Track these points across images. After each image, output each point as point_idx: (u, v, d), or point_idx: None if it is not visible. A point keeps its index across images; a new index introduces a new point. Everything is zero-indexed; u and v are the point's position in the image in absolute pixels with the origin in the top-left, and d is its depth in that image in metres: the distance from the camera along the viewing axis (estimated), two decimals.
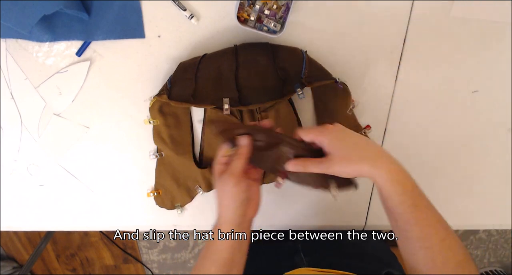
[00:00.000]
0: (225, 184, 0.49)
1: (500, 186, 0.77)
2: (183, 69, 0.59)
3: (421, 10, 0.60)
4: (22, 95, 0.65)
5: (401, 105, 0.68)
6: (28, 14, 0.54)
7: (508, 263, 2.01)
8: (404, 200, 0.45)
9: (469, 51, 0.64)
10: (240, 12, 0.57)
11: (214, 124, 0.52)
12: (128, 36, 0.61)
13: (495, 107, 0.69)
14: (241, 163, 0.50)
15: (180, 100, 0.59)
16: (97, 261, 1.96)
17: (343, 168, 0.46)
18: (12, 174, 0.73)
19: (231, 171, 0.49)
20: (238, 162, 0.50)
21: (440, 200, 0.78)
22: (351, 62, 0.64)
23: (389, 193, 0.45)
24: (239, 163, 0.50)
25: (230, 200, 0.50)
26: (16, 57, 0.62)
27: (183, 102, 0.59)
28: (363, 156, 0.46)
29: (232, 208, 0.50)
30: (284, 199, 0.77)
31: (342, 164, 0.46)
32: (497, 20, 0.61)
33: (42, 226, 0.79)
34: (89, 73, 0.64)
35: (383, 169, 0.45)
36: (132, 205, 0.76)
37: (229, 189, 0.49)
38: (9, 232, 1.87)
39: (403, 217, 0.46)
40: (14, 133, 0.68)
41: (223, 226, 0.50)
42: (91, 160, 0.71)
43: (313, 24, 0.61)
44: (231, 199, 0.50)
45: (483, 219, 0.81)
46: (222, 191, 0.50)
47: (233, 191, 0.49)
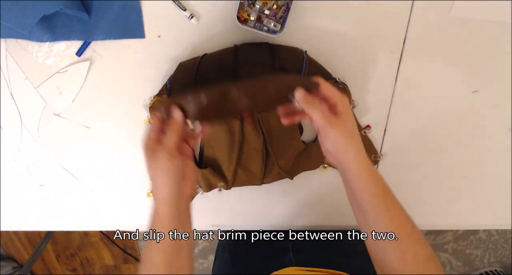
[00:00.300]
0: (158, 160, 0.46)
1: (500, 186, 0.77)
2: (183, 69, 0.59)
3: (421, 10, 0.60)
4: (22, 95, 0.65)
5: (401, 105, 0.68)
6: (28, 14, 0.54)
7: (508, 263, 2.01)
8: (378, 192, 0.47)
9: (469, 51, 0.64)
10: (240, 12, 0.57)
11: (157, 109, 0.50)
12: (128, 36, 0.61)
13: (495, 107, 0.69)
14: (175, 138, 0.47)
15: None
16: (97, 261, 1.96)
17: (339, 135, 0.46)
18: (12, 174, 0.73)
19: (165, 146, 0.46)
20: (171, 137, 0.47)
21: (440, 200, 0.78)
22: (351, 62, 0.64)
23: (364, 185, 0.47)
24: (172, 138, 0.47)
25: (165, 177, 0.46)
26: (16, 57, 0.62)
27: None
28: (357, 140, 0.48)
29: (168, 184, 0.47)
30: (284, 199, 0.77)
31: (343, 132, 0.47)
32: (497, 20, 0.61)
33: (42, 226, 0.79)
34: (89, 73, 0.64)
35: (363, 158, 0.47)
36: (132, 205, 0.76)
37: (163, 164, 0.46)
38: (9, 232, 1.87)
39: (374, 210, 0.47)
40: (14, 133, 0.68)
41: (162, 207, 0.47)
42: (91, 160, 0.71)
43: (313, 24, 0.61)
44: (167, 175, 0.46)
45: (483, 219, 0.81)
46: (155, 169, 0.47)
47: (167, 166, 0.46)
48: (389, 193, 0.49)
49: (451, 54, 0.64)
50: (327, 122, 0.46)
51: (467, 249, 1.95)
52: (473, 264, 2.01)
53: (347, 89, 0.63)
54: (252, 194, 0.76)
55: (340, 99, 0.48)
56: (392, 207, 0.48)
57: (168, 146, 0.46)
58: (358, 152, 0.48)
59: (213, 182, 0.71)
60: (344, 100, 0.48)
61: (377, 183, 0.48)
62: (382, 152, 0.73)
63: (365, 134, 0.70)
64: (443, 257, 1.97)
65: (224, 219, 0.79)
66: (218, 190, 0.73)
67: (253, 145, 0.67)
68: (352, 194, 0.49)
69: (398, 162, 0.74)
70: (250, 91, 0.49)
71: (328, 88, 0.48)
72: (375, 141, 0.72)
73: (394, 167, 0.74)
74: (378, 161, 0.73)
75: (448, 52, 0.64)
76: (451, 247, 1.93)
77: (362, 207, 0.48)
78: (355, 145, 0.47)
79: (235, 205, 0.77)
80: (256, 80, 0.50)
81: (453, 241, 1.91)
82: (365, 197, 0.47)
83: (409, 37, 0.62)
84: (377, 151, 0.72)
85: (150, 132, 0.49)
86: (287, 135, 0.67)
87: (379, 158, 0.72)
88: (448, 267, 2.01)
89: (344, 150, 0.47)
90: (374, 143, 0.72)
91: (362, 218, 0.49)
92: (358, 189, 0.48)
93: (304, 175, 0.73)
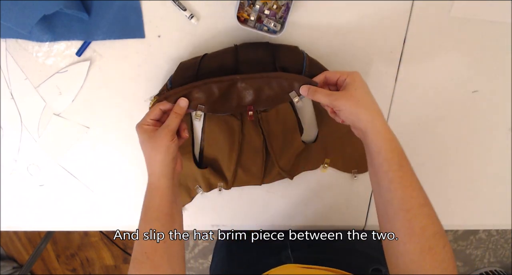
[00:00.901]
0: (161, 139, 0.51)
1: (500, 186, 0.77)
2: (184, 69, 0.59)
3: (421, 10, 0.60)
4: (22, 95, 0.65)
5: (401, 105, 0.68)
6: (28, 14, 0.53)
7: (508, 263, 2.01)
8: (391, 157, 0.47)
9: (469, 51, 0.64)
10: (240, 12, 0.57)
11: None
12: (128, 36, 0.61)
13: (495, 107, 0.69)
14: (178, 120, 0.52)
15: None
16: (97, 261, 1.96)
17: (347, 106, 0.49)
18: (12, 174, 0.73)
19: (168, 127, 0.52)
20: (176, 119, 0.52)
21: (440, 200, 0.78)
22: (351, 62, 0.64)
23: (379, 148, 0.48)
24: (176, 120, 0.52)
25: (164, 155, 0.51)
26: (16, 57, 0.62)
27: None
28: (369, 107, 0.50)
29: (167, 162, 0.52)
30: (284, 199, 0.77)
31: (350, 102, 0.49)
32: (497, 20, 0.61)
33: (42, 226, 0.79)
34: (89, 73, 0.64)
35: (379, 124, 0.49)
36: (132, 205, 0.76)
37: (165, 143, 0.51)
38: (9, 232, 1.87)
39: (387, 175, 0.47)
40: (14, 133, 0.68)
41: (159, 180, 0.52)
42: (91, 160, 0.71)
43: (313, 24, 0.61)
44: (166, 153, 0.51)
45: (483, 219, 0.81)
46: (155, 147, 0.52)
47: (168, 146, 0.51)
48: (404, 161, 0.48)
49: (451, 54, 0.64)
50: (332, 99, 0.50)
51: (467, 249, 1.95)
52: (473, 264, 2.01)
53: None
54: (252, 194, 0.76)
55: (347, 74, 0.52)
56: (407, 176, 0.47)
57: (172, 128, 0.52)
58: (373, 118, 0.49)
59: (213, 182, 0.71)
60: (352, 73, 0.52)
61: (392, 148, 0.48)
62: None
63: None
64: None
65: (224, 219, 0.79)
66: (218, 190, 0.73)
67: (253, 145, 0.67)
68: (370, 159, 0.50)
69: None
70: (255, 85, 0.53)
71: (332, 72, 0.52)
72: None
73: None
74: None
75: (448, 52, 0.64)
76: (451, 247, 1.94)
77: (377, 173, 0.49)
78: (368, 111, 0.49)
79: (235, 205, 0.77)
80: (262, 76, 0.53)
81: (453, 241, 1.91)
82: (379, 161, 0.48)
83: (409, 37, 0.62)
84: None
85: (149, 116, 0.54)
86: (287, 135, 0.67)
87: None
88: None
89: (357, 118, 0.49)
90: None
91: (376, 185, 0.50)
92: (373, 152, 0.49)
93: (304, 175, 0.73)
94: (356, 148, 0.71)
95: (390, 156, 0.47)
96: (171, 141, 0.52)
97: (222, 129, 0.66)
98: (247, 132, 0.66)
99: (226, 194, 0.75)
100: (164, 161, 0.52)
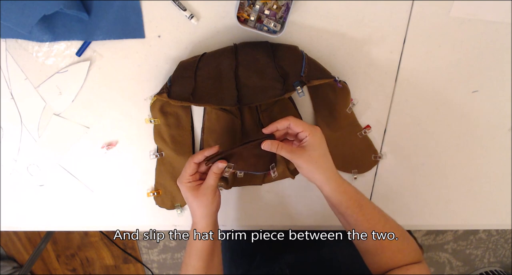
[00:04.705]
0: (205, 197, 0.58)
1: (500, 186, 0.77)
2: (183, 68, 0.59)
3: (421, 10, 0.60)
4: (22, 95, 0.65)
5: (401, 105, 0.68)
6: (28, 14, 0.54)
7: (508, 263, 2.01)
8: (351, 204, 0.56)
9: (469, 51, 0.64)
10: (240, 12, 0.57)
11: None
12: (128, 36, 0.61)
13: (495, 107, 0.69)
14: (217, 179, 0.59)
15: (179, 99, 0.59)
16: (97, 261, 1.96)
17: (305, 166, 0.55)
18: (12, 174, 0.73)
19: (211, 186, 0.58)
20: (216, 178, 0.58)
21: (440, 200, 0.78)
22: (351, 62, 0.64)
23: (338, 200, 0.56)
24: (216, 179, 0.58)
25: (209, 209, 0.59)
26: (16, 57, 0.62)
27: (182, 100, 0.59)
28: (325, 168, 0.56)
29: (211, 215, 0.60)
30: (284, 199, 0.77)
31: (307, 164, 0.55)
32: (497, 20, 0.61)
33: (42, 226, 0.79)
34: (89, 73, 0.64)
35: (333, 182, 0.56)
36: (132, 205, 0.76)
37: (209, 200, 0.58)
38: (9, 232, 1.87)
39: (352, 217, 0.56)
40: (14, 133, 0.68)
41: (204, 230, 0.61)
42: (91, 160, 0.71)
43: (313, 24, 0.61)
44: (210, 208, 0.59)
45: (483, 219, 0.81)
46: (200, 202, 0.59)
47: (212, 202, 0.59)
48: (363, 201, 0.57)
49: (451, 54, 0.64)
50: (293, 156, 0.55)
51: (467, 249, 1.95)
52: (473, 264, 2.01)
53: (347, 87, 0.63)
54: (252, 194, 0.76)
55: (309, 131, 0.55)
56: (368, 212, 0.56)
57: (214, 187, 0.59)
58: (327, 177, 0.56)
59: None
60: (313, 131, 0.56)
61: (350, 198, 0.56)
62: (382, 152, 0.73)
63: (365, 134, 0.70)
64: (443, 257, 1.97)
65: (224, 219, 0.79)
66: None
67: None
68: (331, 204, 0.59)
69: (398, 162, 0.74)
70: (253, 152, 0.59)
71: (296, 124, 0.56)
72: (375, 141, 0.72)
73: (394, 167, 0.74)
74: (378, 161, 0.73)
75: (448, 52, 0.64)
76: (451, 247, 1.94)
77: (342, 214, 0.57)
78: (322, 171, 0.55)
79: (235, 205, 0.77)
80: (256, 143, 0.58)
81: (453, 241, 1.91)
82: (342, 209, 0.56)
83: (409, 37, 0.62)
84: (377, 151, 0.72)
85: (187, 172, 0.59)
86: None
87: (379, 158, 0.72)
88: (448, 267, 2.01)
89: (312, 177, 0.56)
90: (374, 143, 0.72)
91: (344, 221, 0.59)
92: (334, 204, 0.57)
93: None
94: (356, 148, 0.71)
95: (349, 203, 0.56)
96: (215, 197, 0.59)
97: (222, 129, 0.66)
98: (247, 131, 0.66)
99: (226, 194, 0.75)
100: (208, 215, 0.60)
